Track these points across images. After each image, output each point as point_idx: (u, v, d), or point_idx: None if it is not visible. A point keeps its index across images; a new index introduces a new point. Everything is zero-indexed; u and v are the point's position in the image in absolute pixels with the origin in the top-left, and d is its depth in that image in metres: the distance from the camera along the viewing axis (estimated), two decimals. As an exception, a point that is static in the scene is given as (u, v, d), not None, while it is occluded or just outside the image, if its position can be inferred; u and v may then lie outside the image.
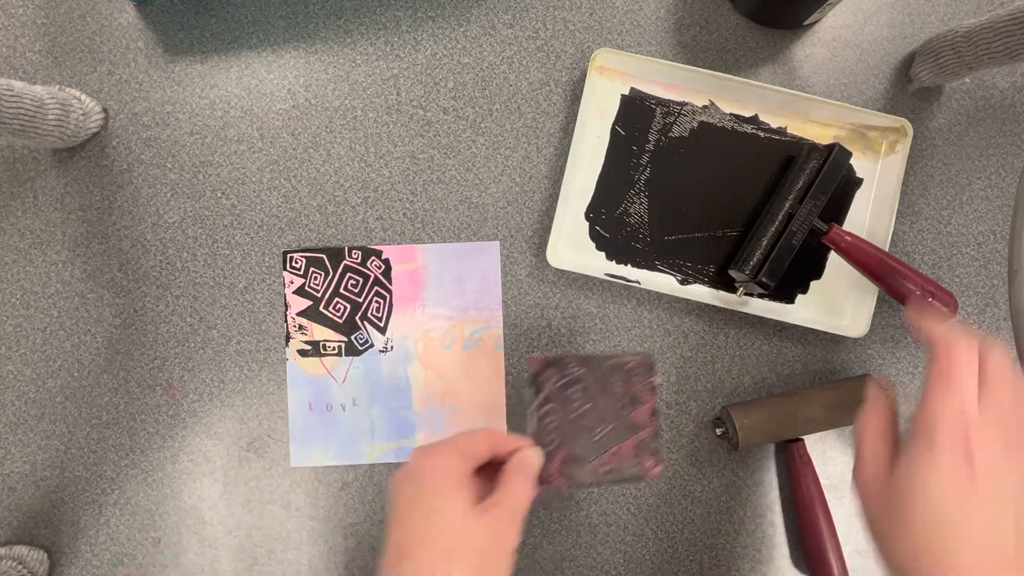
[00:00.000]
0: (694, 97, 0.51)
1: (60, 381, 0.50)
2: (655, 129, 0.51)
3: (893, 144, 0.50)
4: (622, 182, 0.51)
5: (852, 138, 0.51)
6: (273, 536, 0.50)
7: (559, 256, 0.50)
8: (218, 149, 0.51)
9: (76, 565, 0.49)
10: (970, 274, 0.52)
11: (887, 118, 0.49)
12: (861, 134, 0.50)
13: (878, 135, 0.50)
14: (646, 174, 0.51)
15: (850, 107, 0.49)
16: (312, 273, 0.50)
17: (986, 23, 0.44)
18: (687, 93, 0.51)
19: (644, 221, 0.51)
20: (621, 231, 0.51)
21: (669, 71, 0.50)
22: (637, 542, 0.50)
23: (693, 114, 0.51)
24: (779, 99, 0.50)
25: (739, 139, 0.51)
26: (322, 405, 0.50)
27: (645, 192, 0.51)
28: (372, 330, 0.50)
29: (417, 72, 0.51)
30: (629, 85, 0.51)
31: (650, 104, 0.51)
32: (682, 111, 0.51)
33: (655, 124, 0.51)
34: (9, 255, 0.50)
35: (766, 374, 0.51)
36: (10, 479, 0.49)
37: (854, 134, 0.51)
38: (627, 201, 0.51)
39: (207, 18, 0.51)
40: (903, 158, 0.50)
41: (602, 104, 0.51)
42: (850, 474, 0.51)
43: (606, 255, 0.51)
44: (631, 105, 0.51)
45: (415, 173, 0.51)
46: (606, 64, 0.50)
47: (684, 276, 0.50)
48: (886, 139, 0.50)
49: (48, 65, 0.50)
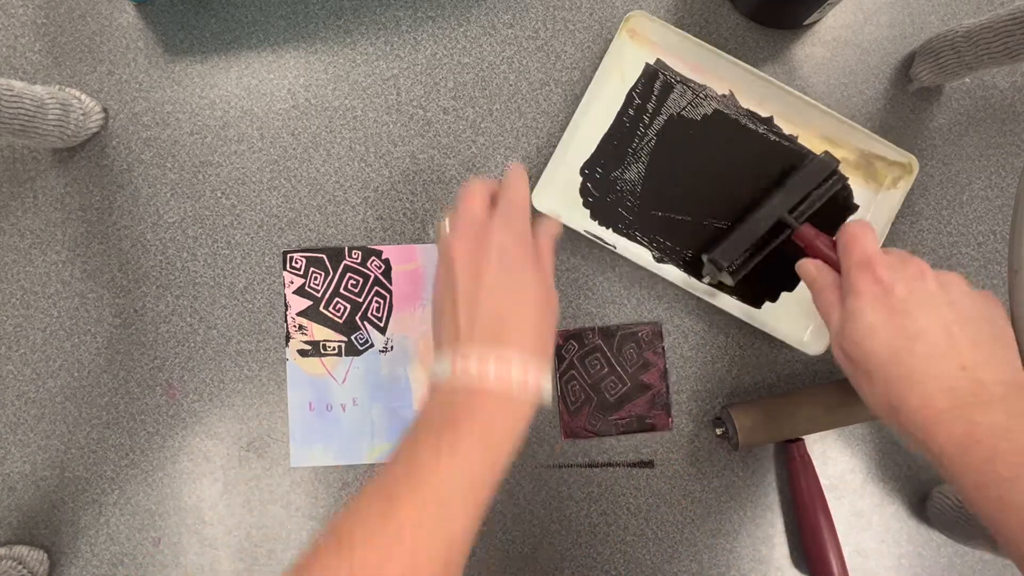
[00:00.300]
0: (716, 83, 0.51)
1: (60, 381, 0.50)
2: (670, 105, 0.51)
3: (896, 179, 0.50)
4: (624, 148, 0.51)
5: (859, 164, 0.50)
6: (273, 536, 0.50)
7: (544, 201, 0.50)
8: (218, 149, 0.51)
9: (76, 565, 0.49)
10: (970, 274, 0.52)
11: (897, 151, 0.49)
12: (868, 162, 0.50)
13: (884, 167, 0.50)
14: (649, 146, 0.51)
15: (864, 132, 0.49)
16: (312, 273, 0.51)
17: (986, 23, 0.44)
18: (710, 78, 0.50)
19: (636, 191, 0.51)
20: (611, 194, 0.51)
21: (698, 50, 0.50)
22: (637, 542, 0.50)
23: (710, 100, 0.51)
24: (797, 106, 0.49)
25: (748, 136, 0.51)
26: (322, 405, 0.50)
27: (644, 163, 0.51)
28: (372, 330, 0.50)
29: (417, 72, 0.51)
30: (656, 56, 0.51)
31: (672, 79, 0.51)
32: (700, 94, 0.51)
33: (671, 100, 0.51)
34: (9, 255, 0.50)
35: (766, 374, 0.51)
36: (10, 479, 0.49)
37: (861, 160, 0.50)
38: (624, 167, 0.51)
39: (207, 18, 0.51)
40: (902, 194, 0.49)
41: (625, 67, 0.51)
42: (850, 474, 0.51)
43: (591, 214, 0.50)
44: (653, 75, 0.51)
45: (415, 173, 0.51)
46: (638, 28, 0.50)
47: (661, 254, 0.50)
48: (891, 173, 0.50)
49: (48, 65, 0.50)
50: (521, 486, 0.50)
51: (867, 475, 0.51)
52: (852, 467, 0.51)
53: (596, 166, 0.51)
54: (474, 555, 0.50)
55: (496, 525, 0.50)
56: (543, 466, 0.50)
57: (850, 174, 0.50)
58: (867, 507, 0.50)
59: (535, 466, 0.50)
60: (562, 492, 0.50)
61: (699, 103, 0.51)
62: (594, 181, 0.51)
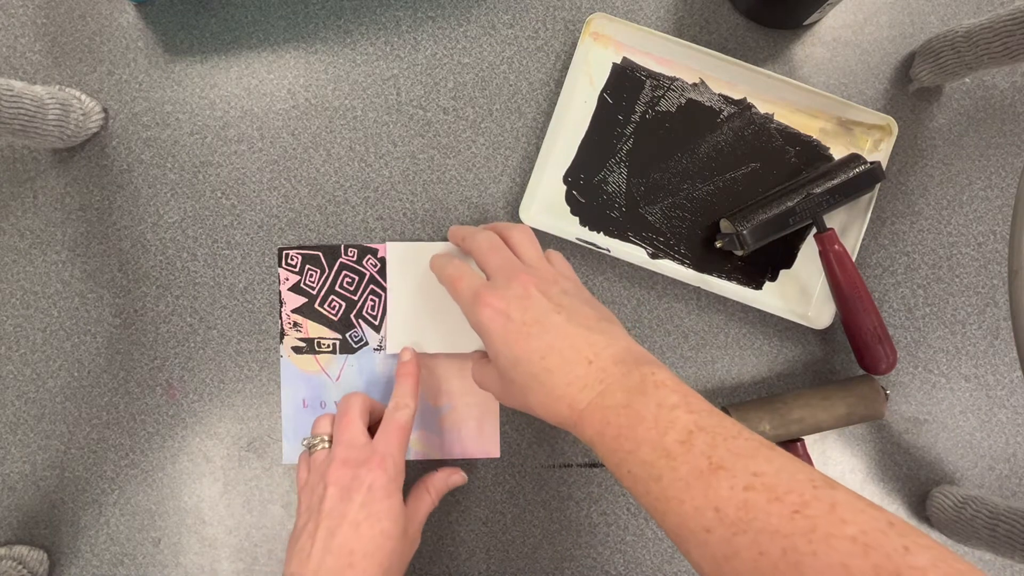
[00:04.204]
0: (685, 74, 0.51)
1: (60, 381, 0.50)
2: (643, 101, 0.51)
3: (877, 142, 0.50)
4: (604, 150, 0.51)
5: (838, 132, 0.51)
6: (273, 536, 0.50)
7: (532, 216, 0.50)
8: (218, 149, 0.51)
9: (76, 565, 0.49)
10: (970, 274, 0.52)
11: (873, 115, 0.50)
12: (847, 129, 0.51)
13: (863, 131, 0.50)
14: (628, 145, 0.51)
15: (838, 99, 0.49)
16: (308, 270, 0.51)
17: (986, 23, 0.44)
18: (679, 69, 0.51)
19: (621, 191, 0.51)
20: (597, 199, 0.51)
21: (662, 43, 0.50)
22: (637, 542, 0.50)
23: (682, 90, 0.51)
24: (768, 84, 0.50)
25: (725, 121, 0.51)
26: (316, 402, 0.50)
27: (626, 163, 0.51)
28: (367, 328, 0.50)
29: (417, 72, 0.51)
30: (622, 54, 0.51)
31: (640, 76, 0.51)
32: (671, 86, 0.51)
33: (643, 96, 0.51)
34: (9, 255, 0.50)
35: (766, 374, 0.51)
36: (10, 479, 0.49)
37: (840, 128, 0.51)
38: (607, 169, 0.51)
39: (207, 18, 0.51)
40: (885, 156, 0.50)
41: (593, 70, 0.51)
42: (850, 474, 0.51)
43: (580, 220, 0.51)
44: (622, 74, 0.51)
45: (415, 173, 0.51)
46: (600, 30, 0.50)
47: (655, 250, 0.51)
48: (871, 136, 0.50)
49: (48, 65, 0.50)
50: (521, 486, 0.50)
51: (867, 475, 0.51)
52: (852, 467, 0.51)
53: (579, 172, 0.51)
54: (474, 555, 0.50)
55: (496, 525, 0.50)
56: (543, 466, 0.50)
57: (830, 143, 0.51)
58: (867, 507, 0.50)
59: (535, 466, 0.50)
60: (562, 492, 0.50)
61: (672, 95, 0.51)
62: (579, 188, 0.51)
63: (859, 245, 0.49)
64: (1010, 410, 0.51)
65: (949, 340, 0.51)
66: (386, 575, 0.39)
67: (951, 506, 0.48)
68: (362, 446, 0.42)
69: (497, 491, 0.50)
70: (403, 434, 0.43)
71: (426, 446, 0.50)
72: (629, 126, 0.51)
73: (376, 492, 0.40)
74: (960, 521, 0.47)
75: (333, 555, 0.38)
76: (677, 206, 0.51)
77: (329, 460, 0.42)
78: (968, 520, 0.46)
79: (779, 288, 0.51)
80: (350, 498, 0.40)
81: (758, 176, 0.51)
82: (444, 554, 0.50)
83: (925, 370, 0.51)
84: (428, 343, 0.49)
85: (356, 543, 0.39)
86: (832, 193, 0.47)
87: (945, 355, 0.51)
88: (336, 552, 0.38)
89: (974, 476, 0.51)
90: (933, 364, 0.51)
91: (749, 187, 0.51)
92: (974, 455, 0.51)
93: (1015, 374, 0.51)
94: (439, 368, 0.50)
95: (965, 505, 0.47)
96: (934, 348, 0.51)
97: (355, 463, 0.41)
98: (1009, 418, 0.51)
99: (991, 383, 0.51)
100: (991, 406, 0.51)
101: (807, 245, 0.51)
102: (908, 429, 0.51)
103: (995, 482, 0.51)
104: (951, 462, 0.51)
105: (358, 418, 0.44)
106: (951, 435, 0.51)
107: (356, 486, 0.40)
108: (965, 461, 0.51)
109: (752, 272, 0.51)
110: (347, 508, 0.40)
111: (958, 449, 0.51)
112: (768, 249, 0.49)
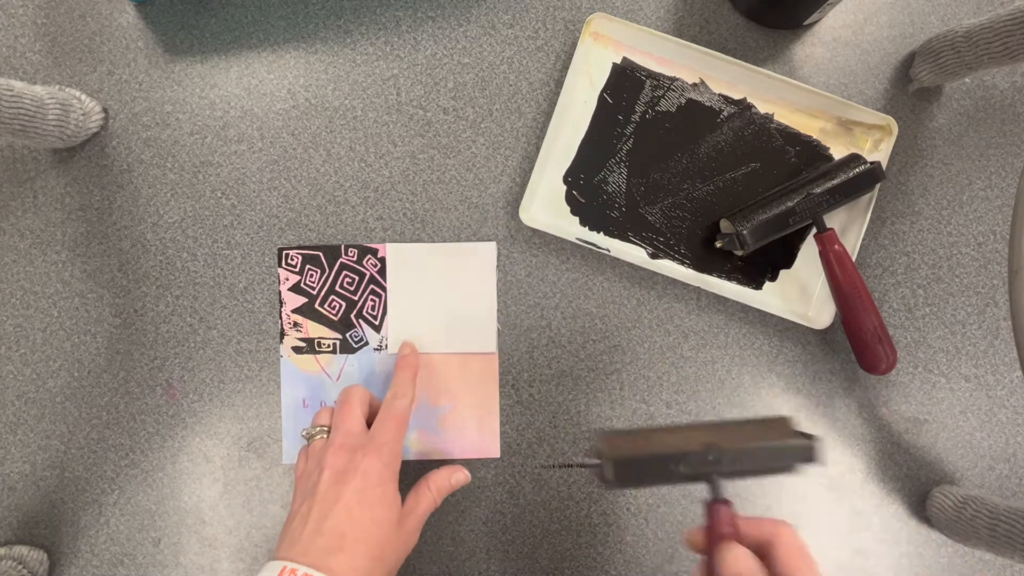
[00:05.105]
0: (685, 74, 0.51)
1: (60, 381, 0.50)
2: (643, 101, 0.51)
3: (877, 142, 0.50)
4: (604, 150, 0.51)
5: (838, 132, 0.51)
6: (273, 536, 0.50)
7: (533, 215, 0.50)
8: (218, 149, 0.51)
9: (76, 565, 0.49)
10: (970, 274, 0.52)
11: (873, 115, 0.50)
12: (847, 129, 0.51)
13: (863, 131, 0.50)
14: (629, 145, 0.51)
15: (838, 99, 0.49)
16: (308, 270, 0.51)
17: (986, 23, 0.44)
18: (679, 69, 0.51)
19: (621, 191, 0.51)
20: (597, 199, 0.51)
21: (662, 43, 0.50)
22: (637, 542, 0.50)
23: (682, 90, 0.51)
24: (768, 84, 0.50)
25: (726, 121, 0.51)
26: (316, 402, 0.50)
27: (626, 163, 0.51)
28: (367, 328, 0.50)
29: (417, 72, 0.51)
30: (622, 54, 0.51)
31: (640, 76, 0.51)
32: (671, 86, 0.51)
33: (643, 96, 0.51)
34: (9, 255, 0.50)
35: (766, 374, 0.51)
36: (10, 479, 0.49)
37: (840, 128, 0.51)
38: (607, 169, 0.51)
39: (207, 18, 0.51)
40: (885, 156, 0.50)
41: (593, 70, 0.51)
42: (850, 474, 0.51)
43: (580, 220, 0.51)
44: (622, 74, 0.51)
45: (415, 173, 0.51)
46: (600, 30, 0.50)
47: (655, 250, 0.51)
48: (871, 136, 0.50)
49: (48, 65, 0.50)
50: (521, 486, 0.50)
51: (867, 475, 0.51)
52: (852, 467, 0.51)
53: (579, 172, 0.51)
54: (474, 555, 0.50)
55: (496, 525, 0.50)
56: (543, 466, 0.50)
57: (830, 143, 0.51)
58: (867, 507, 0.51)
59: (535, 466, 0.50)
60: (562, 492, 0.50)
61: (671, 95, 0.51)
62: (579, 188, 0.51)
63: (859, 245, 0.50)
64: (1010, 410, 0.51)
65: (949, 340, 0.51)
66: (377, 563, 0.39)
67: (951, 506, 0.48)
68: (359, 433, 0.42)
69: (497, 491, 0.50)
70: (400, 423, 0.43)
71: (426, 446, 0.50)
72: (629, 126, 0.51)
73: (371, 478, 0.40)
74: (960, 521, 0.47)
75: (324, 536, 0.38)
76: (677, 206, 0.51)
77: (326, 446, 0.42)
78: (968, 520, 0.46)
79: (779, 288, 0.51)
80: (345, 481, 0.40)
81: (758, 176, 0.51)
82: (444, 554, 0.50)
83: (925, 370, 0.51)
84: (428, 343, 0.49)
85: (348, 526, 0.39)
86: (832, 193, 0.47)
87: (945, 355, 0.51)
88: (327, 534, 0.38)
89: (974, 476, 0.51)
90: (933, 364, 0.51)
91: (749, 187, 0.51)
92: (974, 455, 0.51)
93: (1015, 374, 0.51)
94: (439, 368, 0.50)
95: (965, 505, 0.47)
96: (934, 348, 0.51)
97: (351, 448, 0.41)
98: (1009, 418, 0.51)
99: (991, 383, 0.51)
100: (991, 406, 0.51)
101: (807, 245, 0.51)
102: (908, 429, 0.51)
103: (995, 482, 0.51)
104: (951, 462, 0.51)
105: (357, 408, 0.44)
106: (951, 435, 0.51)
107: (351, 470, 0.40)
108: (965, 461, 0.51)
109: (752, 272, 0.51)
110: (341, 491, 0.40)
111: (958, 449, 0.51)
112: (768, 249, 0.49)
